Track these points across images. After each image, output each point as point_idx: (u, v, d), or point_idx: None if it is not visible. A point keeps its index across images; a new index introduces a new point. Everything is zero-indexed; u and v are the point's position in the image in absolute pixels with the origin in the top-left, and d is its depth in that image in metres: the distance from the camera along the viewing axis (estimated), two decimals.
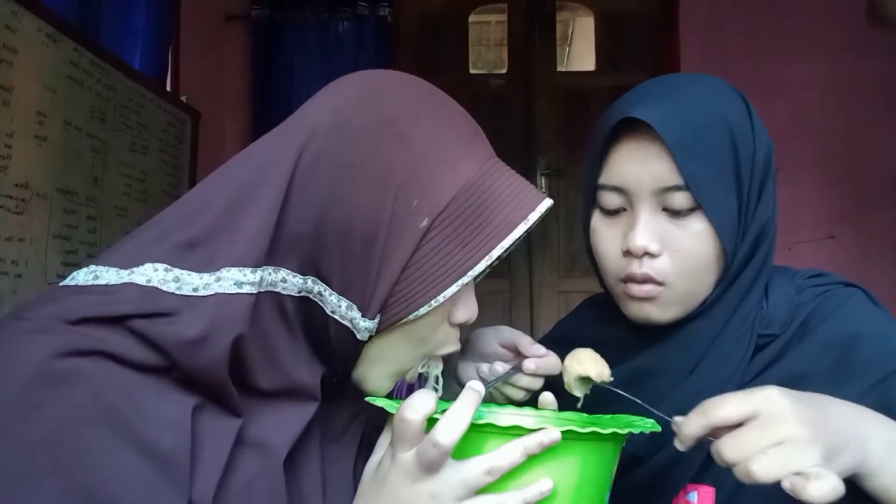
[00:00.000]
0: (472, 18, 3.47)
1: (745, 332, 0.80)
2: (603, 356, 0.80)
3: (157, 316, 0.59)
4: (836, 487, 0.57)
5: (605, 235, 0.82)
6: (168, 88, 2.71)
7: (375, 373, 0.68)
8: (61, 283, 0.63)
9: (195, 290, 0.60)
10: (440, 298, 0.62)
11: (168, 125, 2.60)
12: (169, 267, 0.60)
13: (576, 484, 0.61)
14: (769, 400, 0.61)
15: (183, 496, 0.55)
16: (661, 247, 0.77)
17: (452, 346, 0.70)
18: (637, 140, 0.77)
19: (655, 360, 0.82)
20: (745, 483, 0.60)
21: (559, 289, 3.36)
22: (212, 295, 0.59)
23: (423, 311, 0.63)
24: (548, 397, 0.75)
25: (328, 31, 3.16)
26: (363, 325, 0.63)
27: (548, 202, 0.66)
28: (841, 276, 0.86)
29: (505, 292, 3.37)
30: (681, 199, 0.76)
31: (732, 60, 3.13)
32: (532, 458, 0.58)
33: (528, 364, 0.78)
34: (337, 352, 0.66)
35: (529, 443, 0.58)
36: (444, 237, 0.62)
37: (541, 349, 0.79)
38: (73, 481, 0.52)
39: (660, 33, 3.31)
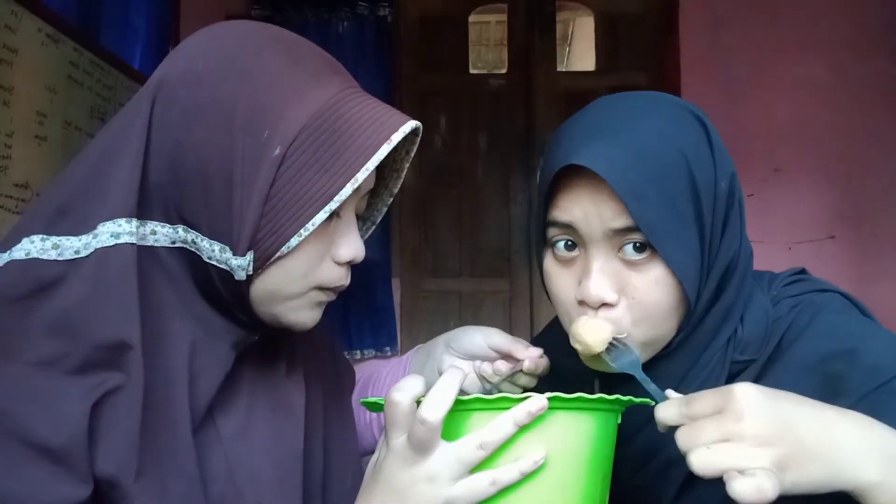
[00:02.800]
0: (472, 18, 3.47)
1: (716, 364, 0.75)
2: (578, 391, 0.77)
3: (45, 289, 0.58)
4: (765, 490, 0.54)
5: (560, 280, 0.76)
6: None
7: (279, 309, 0.67)
8: None
9: (77, 252, 0.60)
10: (309, 227, 0.62)
11: None
12: (45, 236, 0.60)
13: (570, 454, 0.60)
14: (734, 395, 0.58)
15: (83, 484, 0.55)
16: (619, 295, 0.72)
17: (341, 282, 0.69)
18: (585, 180, 0.71)
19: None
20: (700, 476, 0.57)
21: None
22: (92, 252, 0.60)
23: (294, 241, 0.62)
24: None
25: (328, 31, 3.15)
26: (236, 264, 0.62)
27: (412, 123, 0.65)
28: (820, 280, 0.82)
29: (505, 292, 3.36)
30: (637, 240, 0.71)
31: (732, 60, 3.13)
32: (523, 430, 0.58)
33: (528, 364, 0.78)
34: (227, 299, 0.65)
35: (518, 413, 0.58)
36: (302, 164, 0.61)
37: (536, 350, 0.79)
38: None
39: (660, 33, 3.31)
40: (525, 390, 0.80)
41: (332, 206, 0.62)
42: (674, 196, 0.70)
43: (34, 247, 0.60)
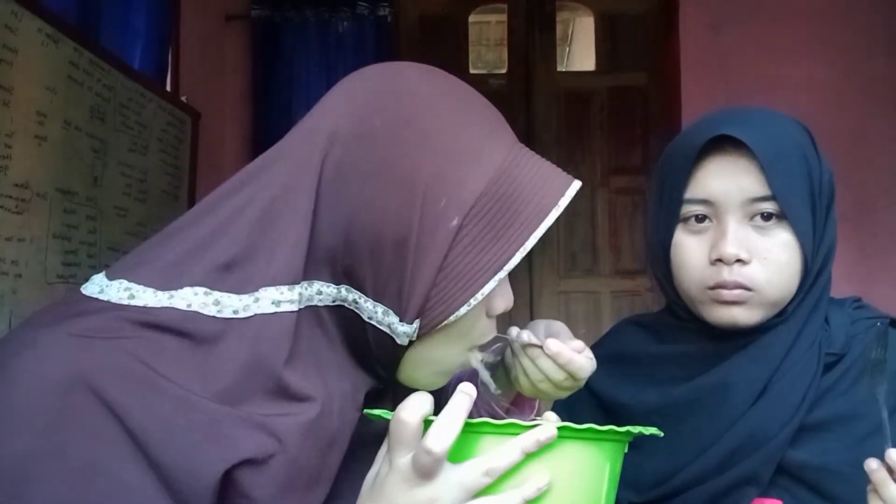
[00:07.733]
0: (472, 18, 3.47)
1: (814, 348, 0.84)
2: (666, 373, 0.87)
3: (203, 343, 0.58)
4: None
5: (691, 248, 0.86)
6: (168, 88, 2.70)
7: (423, 373, 0.67)
8: (84, 292, 0.60)
9: (235, 312, 0.59)
10: (479, 296, 0.61)
11: (168, 125, 2.60)
12: (209, 290, 0.59)
13: (576, 483, 0.60)
14: None
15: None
16: (750, 255, 0.82)
17: (490, 334, 0.69)
18: (725, 156, 0.83)
19: (729, 373, 0.84)
20: None
21: (559, 289, 3.36)
22: (252, 316, 0.59)
23: (462, 311, 0.61)
24: (551, 416, 0.74)
25: (328, 31, 3.16)
26: (402, 330, 0.62)
27: (577, 184, 0.65)
28: (874, 307, 0.91)
29: None
30: (767, 210, 0.82)
31: (732, 60, 3.13)
32: (530, 457, 0.58)
33: (550, 344, 0.73)
34: (378, 357, 0.65)
35: (527, 441, 0.57)
36: (477, 234, 0.60)
37: (579, 344, 0.75)
38: (72, 492, 0.52)
39: (660, 33, 3.31)
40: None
41: (502, 274, 0.61)
42: (796, 175, 0.83)
43: (197, 300, 0.59)
